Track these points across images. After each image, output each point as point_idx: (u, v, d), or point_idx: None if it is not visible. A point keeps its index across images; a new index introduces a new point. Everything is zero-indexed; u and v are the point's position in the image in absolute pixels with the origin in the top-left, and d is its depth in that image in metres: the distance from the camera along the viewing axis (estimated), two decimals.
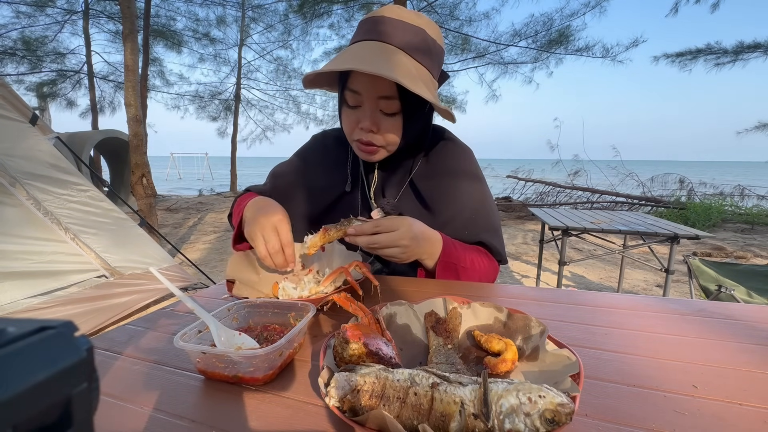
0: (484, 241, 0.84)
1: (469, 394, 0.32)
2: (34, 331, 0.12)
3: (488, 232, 0.85)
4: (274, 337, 0.51)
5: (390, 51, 0.70)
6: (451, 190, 0.85)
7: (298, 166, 0.95)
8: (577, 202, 7.77)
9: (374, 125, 0.75)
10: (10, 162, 2.16)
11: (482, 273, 0.81)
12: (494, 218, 0.87)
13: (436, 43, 0.76)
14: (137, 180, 4.13)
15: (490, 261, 0.85)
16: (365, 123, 0.75)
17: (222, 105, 11.66)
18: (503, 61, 7.58)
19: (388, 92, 0.72)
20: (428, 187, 0.86)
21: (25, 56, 8.82)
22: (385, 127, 0.76)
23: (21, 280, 2.10)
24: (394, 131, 0.76)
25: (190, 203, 7.94)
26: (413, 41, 0.72)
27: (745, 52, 5.77)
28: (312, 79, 0.78)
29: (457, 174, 0.87)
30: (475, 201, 0.86)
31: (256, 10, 10.12)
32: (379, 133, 0.76)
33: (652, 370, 0.44)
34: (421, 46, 0.72)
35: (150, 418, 0.38)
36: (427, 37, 0.74)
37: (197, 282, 2.98)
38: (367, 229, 0.66)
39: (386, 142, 0.78)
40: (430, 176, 0.87)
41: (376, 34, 0.72)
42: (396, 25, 0.72)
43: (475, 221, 0.85)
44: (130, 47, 3.98)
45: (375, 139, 0.76)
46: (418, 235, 0.71)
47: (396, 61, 0.69)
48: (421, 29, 0.73)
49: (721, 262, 2.33)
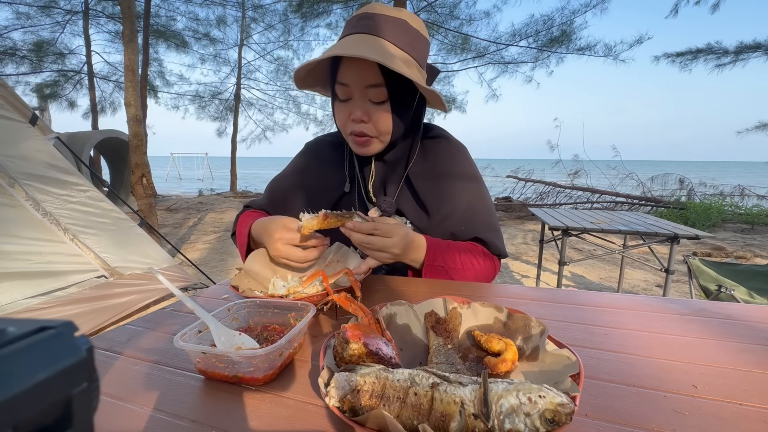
0: (481, 238, 0.85)
1: (469, 394, 0.32)
2: (34, 331, 0.12)
3: (484, 228, 0.86)
4: (274, 337, 0.51)
5: (374, 40, 0.73)
6: (447, 188, 0.86)
7: (294, 174, 0.96)
8: (577, 202, 7.77)
9: (365, 115, 0.76)
10: (9, 162, 2.16)
11: (478, 271, 0.82)
12: (490, 214, 0.88)
13: (419, 34, 0.78)
14: (137, 180, 4.13)
15: (487, 258, 0.85)
16: (356, 113, 0.76)
17: (222, 105, 11.67)
18: (503, 61, 7.59)
19: (374, 80, 0.73)
20: (424, 186, 0.87)
21: (25, 56, 8.82)
22: (376, 117, 0.77)
23: (20, 280, 2.10)
24: (384, 119, 0.77)
25: (190, 203, 7.94)
26: (396, 31, 0.74)
27: (745, 52, 5.77)
28: (302, 77, 0.80)
29: (452, 172, 0.88)
30: (470, 199, 0.87)
31: (256, 10, 10.12)
32: (371, 123, 0.77)
33: (652, 370, 0.44)
34: (404, 36, 0.75)
35: (150, 418, 0.38)
36: (409, 27, 0.76)
37: (197, 282, 2.98)
38: (365, 229, 0.68)
39: (378, 132, 0.78)
40: (426, 175, 0.87)
41: (361, 27, 0.75)
42: (379, 18, 0.75)
43: (470, 218, 0.86)
44: (130, 47, 3.98)
45: (367, 129, 0.77)
46: (408, 245, 0.74)
47: (380, 46, 0.71)
48: (403, 20, 0.76)
49: (721, 262, 2.33)
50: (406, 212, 0.87)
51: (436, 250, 0.79)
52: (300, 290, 0.65)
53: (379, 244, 0.69)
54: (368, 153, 0.83)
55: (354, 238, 0.68)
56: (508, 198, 8.60)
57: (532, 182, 8.65)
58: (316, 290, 0.65)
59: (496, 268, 0.88)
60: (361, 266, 0.71)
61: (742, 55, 5.81)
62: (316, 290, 0.65)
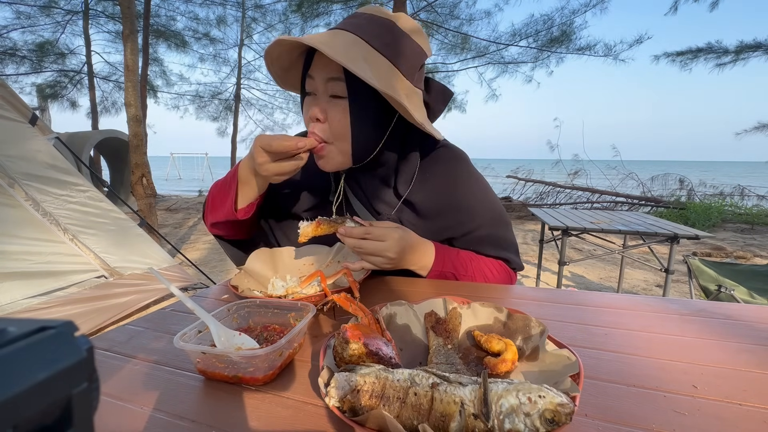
0: (497, 256, 0.82)
1: (469, 394, 0.32)
2: (34, 331, 0.12)
3: (500, 246, 0.81)
4: (274, 337, 0.51)
5: (341, 34, 0.66)
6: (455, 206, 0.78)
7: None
8: (577, 202, 7.78)
9: (322, 112, 0.69)
10: (8, 163, 2.16)
11: (490, 281, 0.79)
12: (505, 228, 0.82)
13: (407, 37, 0.70)
14: (137, 180, 4.13)
15: (501, 271, 0.82)
16: (313, 109, 0.69)
17: (222, 105, 11.67)
18: (503, 61, 7.59)
19: (334, 73, 0.67)
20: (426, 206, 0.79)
21: (25, 56, 8.82)
22: (332, 114, 0.69)
23: (20, 280, 2.10)
24: (340, 118, 0.69)
25: (190, 203, 7.94)
26: (375, 30, 0.68)
27: (745, 52, 5.77)
28: (281, 76, 0.77)
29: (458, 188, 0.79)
30: (484, 216, 0.80)
31: (256, 10, 10.12)
32: (326, 123, 0.70)
33: (652, 370, 0.44)
34: (385, 36, 0.68)
35: (150, 418, 0.38)
36: (394, 28, 0.70)
37: (197, 282, 2.98)
38: (356, 234, 0.66)
39: (333, 135, 0.70)
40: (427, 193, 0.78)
41: (342, 24, 0.71)
42: (361, 17, 0.71)
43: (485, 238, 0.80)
44: (130, 47, 3.98)
45: (322, 130, 0.69)
46: (406, 249, 0.70)
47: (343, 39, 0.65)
48: (390, 21, 0.70)
49: (721, 262, 2.33)
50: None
51: (445, 256, 0.75)
52: (298, 290, 0.65)
53: (371, 248, 0.66)
54: (327, 166, 0.73)
55: (347, 243, 0.67)
56: (508, 198, 8.60)
57: (532, 182, 8.65)
58: (314, 291, 0.65)
59: (512, 279, 0.84)
60: (356, 263, 0.69)
61: (742, 55, 5.81)
62: (315, 291, 0.65)
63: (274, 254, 0.77)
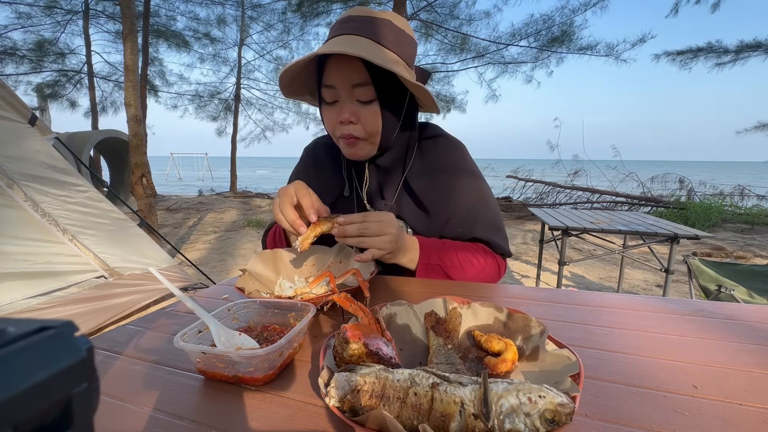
0: (482, 238, 0.85)
1: (469, 394, 0.32)
2: (34, 331, 0.12)
3: (487, 228, 0.85)
4: (274, 337, 0.51)
5: (357, 39, 0.71)
6: (447, 189, 0.85)
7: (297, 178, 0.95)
8: (577, 202, 7.78)
9: (353, 115, 0.74)
10: (7, 163, 2.16)
11: (479, 269, 0.81)
12: (492, 213, 0.87)
13: (404, 33, 0.76)
14: (137, 180, 4.13)
15: (489, 256, 0.84)
16: (344, 115, 0.74)
17: (222, 105, 11.66)
18: (503, 61, 7.58)
19: (361, 79, 0.71)
20: (424, 188, 0.85)
21: (25, 56, 8.82)
22: (364, 117, 0.75)
23: (20, 280, 2.10)
24: (373, 119, 0.75)
25: (190, 203, 7.94)
26: (381, 31, 0.73)
27: (745, 51, 5.77)
28: (287, 85, 0.78)
29: (451, 172, 0.86)
30: (472, 198, 0.85)
31: (255, 10, 10.11)
32: (360, 124, 0.75)
33: (652, 370, 0.44)
34: (388, 35, 0.73)
35: (150, 418, 0.38)
36: (393, 26, 0.75)
37: (197, 282, 2.98)
38: (357, 218, 0.68)
39: (367, 133, 0.76)
40: (425, 176, 0.86)
41: (344, 29, 0.74)
42: (361, 19, 0.74)
43: (471, 219, 0.85)
44: (130, 47, 3.98)
45: (355, 130, 0.75)
46: (401, 234, 0.73)
47: (363, 44, 0.70)
48: (387, 20, 0.75)
49: (721, 262, 2.33)
50: (407, 216, 0.86)
51: (430, 248, 0.79)
52: (308, 291, 0.65)
53: (374, 228, 0.68)
54: (358, 156, 0.81)
55: (349, 230, 0.68)
56: (508, 198, 8.60)
57: (532, 182, 8.65)
58: (324, 291, 0.65)
59: (501, 267, 0.87)
60: (365, 253, 0.69)
61: (742, 54, 5.81)
62: (324, 291, 0.65)
63: (276, 255, 0.77)
